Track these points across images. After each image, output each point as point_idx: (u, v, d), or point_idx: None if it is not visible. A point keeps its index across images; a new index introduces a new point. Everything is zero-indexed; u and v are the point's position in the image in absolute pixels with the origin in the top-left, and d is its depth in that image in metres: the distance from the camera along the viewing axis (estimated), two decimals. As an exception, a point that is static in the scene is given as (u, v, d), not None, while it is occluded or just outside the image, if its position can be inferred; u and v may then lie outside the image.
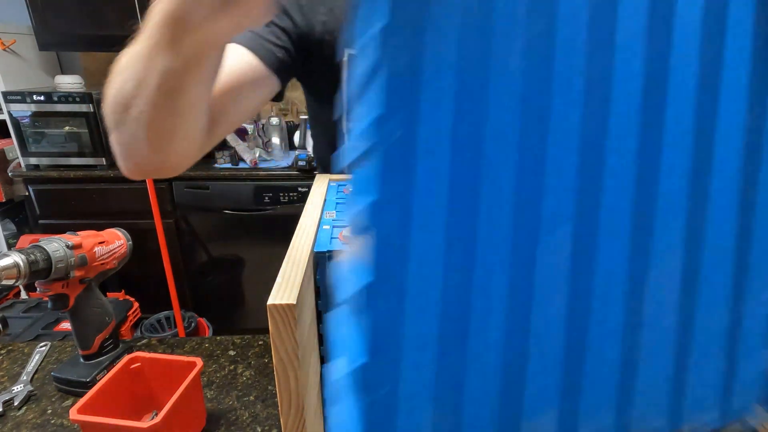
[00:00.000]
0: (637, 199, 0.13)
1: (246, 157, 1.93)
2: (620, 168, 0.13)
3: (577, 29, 0.12)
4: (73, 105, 1.81)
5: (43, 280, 0.59)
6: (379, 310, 0.15)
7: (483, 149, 0.12)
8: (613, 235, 0.14)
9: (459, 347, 0.15)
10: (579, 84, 0.12)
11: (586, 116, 0.12)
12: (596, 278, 0.14)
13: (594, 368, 0.15)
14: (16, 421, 0.60)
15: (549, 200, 0.13)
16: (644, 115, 0.12)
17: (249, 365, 0.71)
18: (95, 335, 0.66)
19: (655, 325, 0.15)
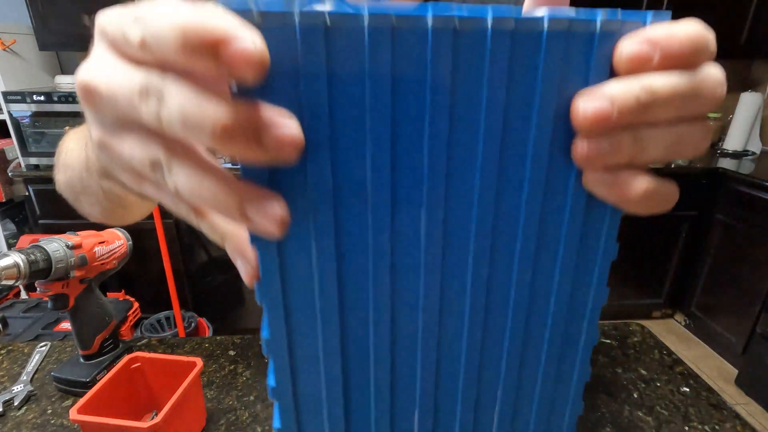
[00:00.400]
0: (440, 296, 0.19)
1: (246, 157, 1.93)
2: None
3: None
4: (73, 105, 1.81)
5: (43, 280, 0.59)
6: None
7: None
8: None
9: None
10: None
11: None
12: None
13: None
14: (16, 421, 0.60)
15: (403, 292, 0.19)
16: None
17: (249, 365, 0.71)
18: (95, 335, 0.66)
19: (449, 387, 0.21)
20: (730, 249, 2.04)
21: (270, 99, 0.14)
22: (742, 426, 0.59)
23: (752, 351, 1.91)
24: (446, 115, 0.15)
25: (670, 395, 0.65)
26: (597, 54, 0.16)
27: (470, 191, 0.17)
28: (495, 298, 0.19)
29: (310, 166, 0.15)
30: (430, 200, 0.17)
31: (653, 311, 2.43)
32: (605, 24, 0.15)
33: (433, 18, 0.14)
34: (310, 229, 0.16)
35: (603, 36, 0.15)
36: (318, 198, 0.16)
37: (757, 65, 2.49)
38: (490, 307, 0.19)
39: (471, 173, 0.17)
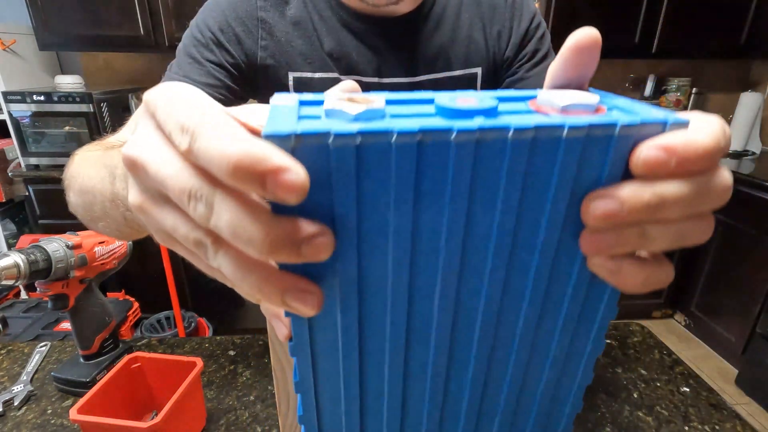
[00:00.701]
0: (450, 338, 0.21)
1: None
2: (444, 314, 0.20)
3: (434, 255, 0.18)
4: (73, 105, 1.82)
5: (43, 280, 0.59)
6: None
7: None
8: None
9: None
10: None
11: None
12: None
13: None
14: (16, 421, 0.60)
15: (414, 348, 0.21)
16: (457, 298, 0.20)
17: (249, 365, 0.71)
18: (95, 335, 0.66)
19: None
20: (730, 249, 2.04)
21: (306, 207, 0.16)
22: (742, 426, 0.59)
23: (752, 351, 1.91)
24: (463, 216, 0.17)
25: (670, 395, 0.65)
26: (613, 154, 0.17)
27: (481, 279, 0.19)
28: (496, 367, 0.22)
29: (339, 261, 0.17)
30: (443, 294, 0.19)
31: (653, 311, 2.43)
32: (623, 129, 0.16)
33: (456, 133, 0.15)
34: (337, 307, 0.19)
35: (621, 138, 0.16)
36: (345, 286, 0.18)
37: (757, 65, 2.49)
38: (492, 369, 0.22)
39: (483, 264, 0.19)
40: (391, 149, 0.15)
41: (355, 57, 0.62)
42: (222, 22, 0.60)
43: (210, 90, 0.59)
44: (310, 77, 0.62)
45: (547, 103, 0.18)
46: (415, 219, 0.17)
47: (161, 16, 1.91)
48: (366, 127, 0.15)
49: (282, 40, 0.61)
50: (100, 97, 1.85)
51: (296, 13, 0.61)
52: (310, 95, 0.19)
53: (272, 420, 0.60)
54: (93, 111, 1.83)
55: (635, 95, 2.51)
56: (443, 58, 0.63)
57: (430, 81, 0.64)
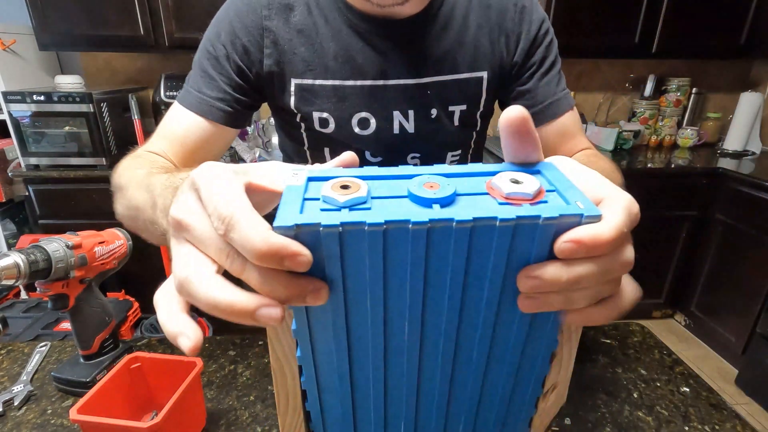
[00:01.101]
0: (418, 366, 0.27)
1: (246, 156, 1.93)
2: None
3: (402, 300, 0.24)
4: (73, 105, 1.81)
5: (43, 280, 0.59)
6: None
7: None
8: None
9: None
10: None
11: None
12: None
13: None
14: (16, 421, 0.60)
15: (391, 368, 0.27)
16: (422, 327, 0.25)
17: (249, 365, 0.71)
18: (95, 335, 0.66)
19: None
20: (730, 249, 2.04)
21: (309, 272, 0.22)
22: (742, 426, 0.59)
23: (752, 351, 1.91)
24: (421, 278, 0.23)
25: (670, 395, 0.65)
26: (539, 238, 0.22)
27: (439, 322, 0.25)
28: (457, 386, 0.29)
29: (331, 308, 0.24)
30: (411, 330, 0.25)
31: (653, 311, 2.43)
32: (545, 220, 0.21)
33: (412, 224, 0.21)
34: (331, 338, 0.25)
35: (544, 227, 0.22)
36: (336, 322, 0.25)
37: (757, 65, 2.49)
38: (455, 387, 0.29)
39: (440, 313, 0.25)
40: (365, 235, 0.21)
41: (360, 60, 0.62)
42: (230, 34, 0.61)
43: (221, 104, 0.62)
44: (311, 84, 0.63)
45: (497, 188, 0.24)
46: (385, 282, 0.23)
47: (161, 16, 1.91)
48: (346, 218, 0.21)
49: (285, 48, 0.62)
50: (100, 97, 1.85)
51: (301, 20, 0.62)
52: (318, 170, 0.25)
53: (272, 420, 0.60)
54: (93, 111, 1.83)
55: (635, 95, 2.51)
56: (449, 60, 0.63)
57: (435, 83, 0.63)
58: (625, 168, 2.03)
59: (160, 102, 1.97)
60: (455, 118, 0.66)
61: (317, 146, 0.69)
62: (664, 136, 2.45)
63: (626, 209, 0.23)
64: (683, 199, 2.09)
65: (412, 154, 0.69)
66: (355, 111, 0.63)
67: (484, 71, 0.64)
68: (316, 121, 0.65)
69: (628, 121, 2.52)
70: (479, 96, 0.65)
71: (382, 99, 0.63)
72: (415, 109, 0.64)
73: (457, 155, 0.71)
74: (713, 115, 2.49)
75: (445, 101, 0.64)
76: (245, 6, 0.61)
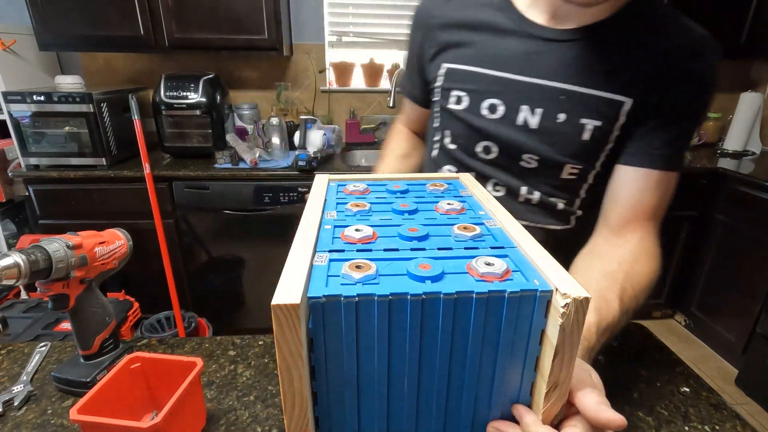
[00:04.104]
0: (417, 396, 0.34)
1: (246, 157, 1.93)
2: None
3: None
4: (73, 105, 1.81)
5: (43, 280, 0.59)
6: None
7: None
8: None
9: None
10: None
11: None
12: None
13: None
14: (16, 421, 0.60)
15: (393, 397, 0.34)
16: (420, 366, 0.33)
17: (249, 365, 0.71)
18: (95, 335, 0.66)
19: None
20: (730, 249, 2.04)
21: (328, 334, 0.30)
22: (742, 426, 0.59)
23: (752, 351, 1.91)
24: (418, 338, 0.31)
25: (670, 395, 0.65)
26: (507, 306, 0.31)
27: (433, 367, 0.32)
28: (452, 405, 0.35)
29: (344, 358, 0.31)
30: (410, 373, 0.33)
31: (653, 311, 2.43)
32: (511, 294, 0.30)
33: (410, 295, 0.29)
34: (344, 380, 0.32)
35: (510, 299, 0.30)
36: (349, 364, 0.32)
37: (757, 65, 2.49)
38: (450, 400, 0.35)
39: (433, 359, 0.32)
40: (374, 303, 0.29)
41: (507, 54, 0.65)
42: (414, 29, 0.77)
43: (412, 89, 0.83)
44: (457, 68, 0.70)
45: (474, 268, 0.32)
46: (389, 338, 0.31)
47: (161, 16, 1.91)
48: (360, 291, 0.29)
49: (444, 38, 0.71)
50: (100, 97, 1.85)
51: (461, 13, 0.70)
52: (339, 254, 0.35)
53: (272, 420, 0.60)
54: (93, 111, 1.83)
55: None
56: (596, 74, 0.61)
57: (571, 91, 0.62)
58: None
59: (160, 102, 1.97)
60: (586, 131, 0.63)
61: (445, 125, 0.75)
62: (664, 136, 2.45)
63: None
64: (683, 199, 2.08)
65: (530, 154, 0.67)
66: (488, 96, 0.67)
67: (629, 97, 0.60)
68: (453, 97, 0.71)
69: (628, 121, 2.51)
70: (615, 119, 0.62)
71: (514, 91, 0.65)
72: (543, 108, 0.64)
73: (577, 169, 0.67)
74: (713, 115, 2.49)
75: (576, 111, 0.63)
76: (420, 9, 0.76)
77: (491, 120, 0.68)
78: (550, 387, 0.32)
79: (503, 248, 0.37)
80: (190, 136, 2.06)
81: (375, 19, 2.35)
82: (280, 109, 2.34)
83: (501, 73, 0.65)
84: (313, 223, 0.40)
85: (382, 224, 0.41)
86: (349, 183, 0.53)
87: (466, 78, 0.69)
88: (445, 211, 0.44)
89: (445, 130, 0.75)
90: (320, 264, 0.33)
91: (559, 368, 0.31)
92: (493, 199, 0.48)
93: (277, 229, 1.96)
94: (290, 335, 0.28)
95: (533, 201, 0.70)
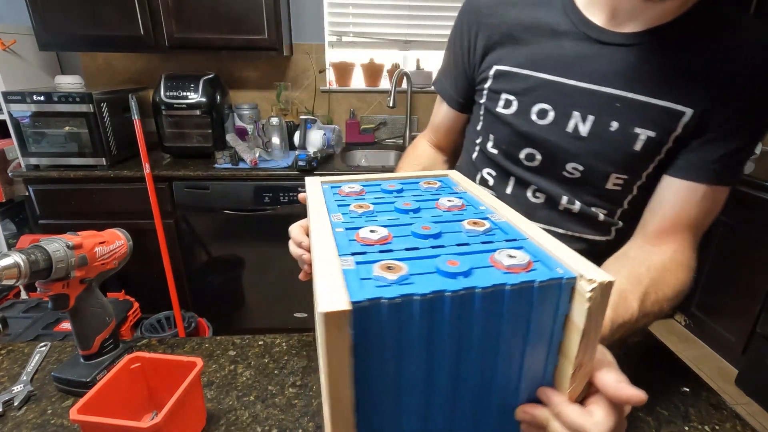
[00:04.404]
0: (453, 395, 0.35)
1: (246, 157, 1.93)
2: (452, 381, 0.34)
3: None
4: (73, 105, 1.81)
5: (43, 280, 0.59)
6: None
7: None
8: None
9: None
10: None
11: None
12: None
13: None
14: (16, 421, 0.60)
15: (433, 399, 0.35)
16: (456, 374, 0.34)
17: (249, 365, 0.71)
18: (95, 335, 0.66)
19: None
20: (730, 249, 2.04)
21: (369, 337, 0.30)
22: (742, 426, 0.59)
23: (752, 351, 1.91)
24: (457, 330, 0.32)
25: (670, 395, 0.65)
26: (537, 296, 0.32)
27: (469, 357, 0.33)
28: (484, 400, 0.37)
29: (386, 357, 0.31)
30: (449, 371, 0.33)
31: (653, 311, 2.43)
32: (540, 283, 0.32)
33: (449, 292, 0.30)
34: (384, 379, 0.32)
35: (540, 288, 0.32)
36: (390, 370, 0.32)
37: (757, 65, 2.48)
38: (483, 388, 0.36)
39: (470, 349, 0.33)
40: (416, 303, 0.30)
41: (558, 58, 0.62)
42: (458, 30, 0.74)
43: (452, 93, 0.78)
44: (508, 70, 0.67)
45: (499, 262, 0.33)
46: (429, 336, 0.31)
47: (161, 16, 1.91)
48: (401, 291, 0.29)
49: (495, 39, 0.69)
50: (100, 97, 1.85)
51: (513, 16, 0.67)
52: (361, 256, 0.34)
53: (272, 420, 0.60)
54: (93, 111, 1.83)
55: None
56: (654, 82, 0.57)
57: (626, 99, 0.59)
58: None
59: (160, 102, 1.97)
60: (638, 141, 0.59)
61: (489, 129, 0.72)
62: (664, 136, 2.45)
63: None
64: (683, 199, 2.09)
65: (574, 164, 0.64)
66: (538, 101, 0.64)
67: (689, 107, 0.56)
68: (502, 101, 0.68)
69: (628, 121, 2.51)
70: (672, 129, 0.58)
71: (566, 96, 0.62)
72: (595, 115, 0.61)
73: (623, 180, 0.63)
74: (713, 115, 2.49)
75: (630, 120, 0.59)
76: (473, 5, 0.71)
77: (540, 126, 0.65)
78: (576, 368, 0.34)
79: (516, 240, 0.38)
80: (190, 136, 2.06)
81: (375, 19, 2.35)
82: (280, 109, 2.34)
83: (553, 77, 0.62)
84: (326, 226, 0.39)
85: (391, 224, 0.41)
86: (344, 184, 0.52)
87: (517, 81, 0.66)
88: (447, 208, 0.45)
89: (489, 133, 0.71)
90: (349, 267, 0.32)
91: (584, 350, 0.33)
92: (488, 194, 0.48)
93: (277, 229, 1.96)
94: (340, 343, 0.28)
95: (573, 210, 0.67)
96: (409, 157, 0.84)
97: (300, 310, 2.14)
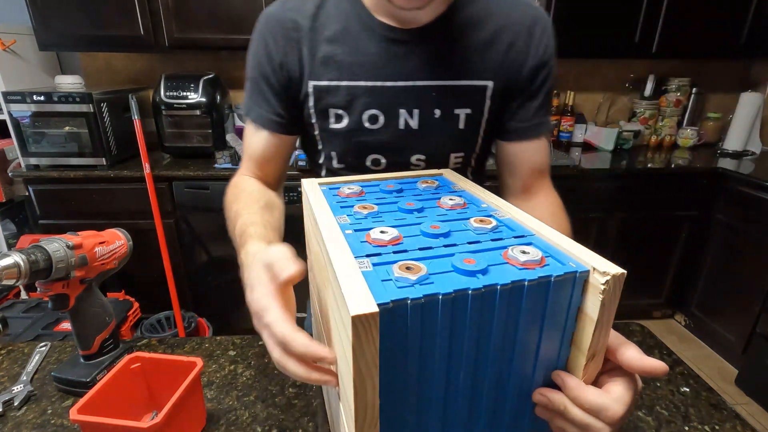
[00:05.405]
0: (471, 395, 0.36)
1: (246, 157, 1.93)
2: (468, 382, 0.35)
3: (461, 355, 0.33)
4: (73, 105, 1.81)
5: (43, 280, 0.59)
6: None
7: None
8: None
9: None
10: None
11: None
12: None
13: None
14: (16, 421, 0.60)
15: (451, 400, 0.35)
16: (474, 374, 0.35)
17: (249, 365, 0.71)
18: (95, 335, 0.66)
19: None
20: (730, 249, 2.04)
21: (394, 338, 0.30)
22: (742, 426, 0.59)
23: (752, 351, 1.91)
24: (476, 328, 0.32)
25: (670, 395, 0.65)
26: (553, 290, 0.33)
27: (489, 351, 0.34)
28: (500, 400, 0.37)
29: (409, 358, 0.31)
30: (466, 369, 0.34)
31: (653, 311, 2.43)
32: (556, 277, 0.32)
33: (471, 290, 0.30)
34: (406, 378, 0.33)
35: (556, 282, 0.33)
36: (412, 370, 0.32)
37: (757, 65, 2.49)
38: (497, 407, 0.37)
39: (489, 344, 0.33)
40: (439, 302, 0.30)
41: (373, 63, 0.65)
42: (266, 52, 0.67)
43: (269, 114, 0.69)
44: (327, 85, 0.66)
45: (514, 258, 0.34)
46: (451, 334, 0.32)
47: (161, 16, 1.91)
48: (424, 291, 0.29)
49: (307, 54, 0.66)
50: (100, 97, 1.85)
51: (326, 29, 0.65)
52: (377, 257, 0.34)
53: (272, 420, 0.60)
54: (93, 111, 1.83)
55: (635, 95, 2.51)
56: (455, 67, 0.65)
57: (439, 87, 0.66)
58: (625, 168, 2.03)
59: (160, 102, 1.97)
60: (460, 120, 0.68)
61: (330, 147, 0.71)
62: (664, 136, 2.45)
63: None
64: (683, 199, 2.09)
65: (417, 155, 0.70)
66: (366, 108, 0.66)
67: (489, 81, 0.66)
68: (332, 117, 0.68)
69: (628, 121, 2.51)
70: (482, 103, 0.68)
71: (390, 97, 0.66)
72: (419, 108, 0.67)
73: (460, 157, 0.72)
74: (713, 115, 2.49)
75: (449, 104, 0.67)
76: (275, 22, 0.66)
77: (375, 130, 0.67)
78: (589, 357, 0.35)
79: (524, 237, 0.38)
80: (190, 136, 2.06)
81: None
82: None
83: (372, 83, 0.65)
84: (336, 228, 0.39)
85: (398, 224, 0.41)
86: (342, 186, 0.52)
87: (337, 94, 0.66)
88: (450, 206, 0.45)
89: (331, 151, 0.71)
90: (367, 270, 0.32)
91: (597, 339, 0.34)
92: (488, 192, 0.49)
93: (277, 229, 1.96)
94: (368, 346, 0.27)
95: None
96: (242, 199, 0.64)
97: (300, 310, 2.14)
